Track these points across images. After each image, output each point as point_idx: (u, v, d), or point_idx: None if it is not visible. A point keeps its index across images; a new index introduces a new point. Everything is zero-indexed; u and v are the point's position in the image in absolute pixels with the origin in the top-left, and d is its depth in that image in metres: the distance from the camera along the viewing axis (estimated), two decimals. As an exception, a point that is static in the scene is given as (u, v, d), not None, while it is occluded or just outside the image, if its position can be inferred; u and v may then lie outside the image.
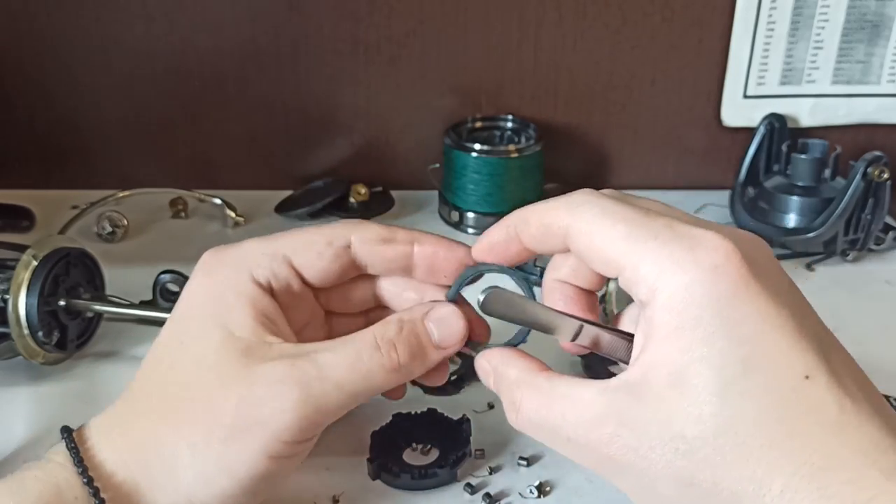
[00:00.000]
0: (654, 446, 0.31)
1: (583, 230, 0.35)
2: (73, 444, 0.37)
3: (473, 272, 0.41)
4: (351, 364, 0.38)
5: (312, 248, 0.41)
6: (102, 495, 0.36)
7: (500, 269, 0.40)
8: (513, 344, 0.39)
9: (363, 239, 0.41)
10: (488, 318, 0.40)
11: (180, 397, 0.38)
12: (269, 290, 0.40)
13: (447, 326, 0.40)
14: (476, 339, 0.41)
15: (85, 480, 0.36)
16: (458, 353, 0.41)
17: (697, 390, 0.31)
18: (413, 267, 0.41)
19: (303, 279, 0.41)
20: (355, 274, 0.42)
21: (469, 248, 0.41)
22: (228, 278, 0.40)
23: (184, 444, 0.37)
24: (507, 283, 0.39)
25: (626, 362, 0.37)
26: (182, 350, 0.39)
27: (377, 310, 0.45)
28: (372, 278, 0.44)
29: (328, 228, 0.41)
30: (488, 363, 0.38)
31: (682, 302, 0.31)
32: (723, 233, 0.33)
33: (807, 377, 0.30)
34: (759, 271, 0.32)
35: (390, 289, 0.43)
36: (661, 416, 0.31)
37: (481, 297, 0.36)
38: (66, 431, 0.38)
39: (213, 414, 0.37)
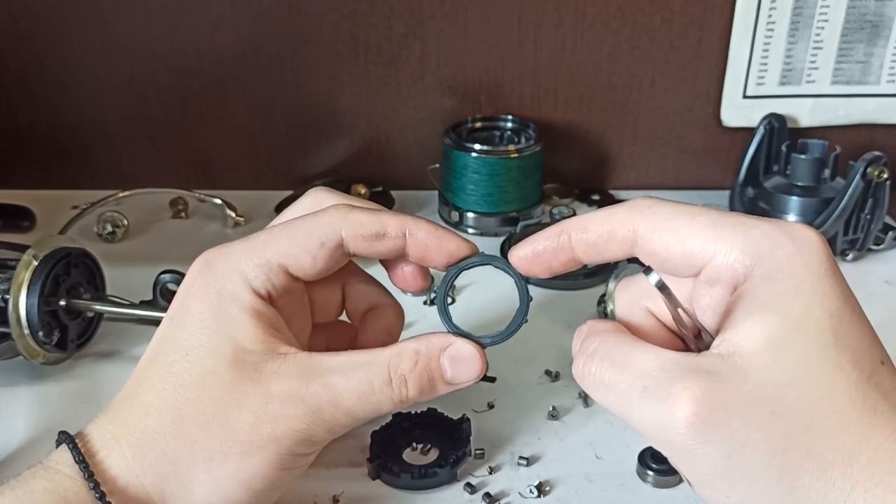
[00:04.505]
0: (749, 406, 0.32)
1: (660, 228, 0.36)
2: (81, 458, 0.37)
3: (478, 262, 0.41)
4: (362, 395, 0.38)
5: (306, 252, 0.40)
6: None
7: (494, 264, 0.41)
8: (513, 330, 0.40)
9: (354, 235, 0.40)
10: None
11: (194, 415, 0.38)
12: (269, 299, 0.40)
13: (463, 367, 0.40)
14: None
15: (98, 496, 0.36)
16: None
17: (796, 355, 0.32)
18: (406, 254, 0.42)
19: (296, 278, 0.41)
20: (346, 260, 0.43)
21: (460, 237, 0.41)
22: (227, 291, 0.39)
23: (199, 460, 0.37)
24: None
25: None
26: (190, 363, 0.38)
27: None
28: None
29: (315, 224, 0.40)
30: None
31: (784, 272, 0.33)
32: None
33: (882, 362, 0.33)
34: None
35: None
36: (757, 379, 0.32)
37: (656, 278, 0.36)
38: (70, 441, 0.38)
39: (228, 430, 0.37)
